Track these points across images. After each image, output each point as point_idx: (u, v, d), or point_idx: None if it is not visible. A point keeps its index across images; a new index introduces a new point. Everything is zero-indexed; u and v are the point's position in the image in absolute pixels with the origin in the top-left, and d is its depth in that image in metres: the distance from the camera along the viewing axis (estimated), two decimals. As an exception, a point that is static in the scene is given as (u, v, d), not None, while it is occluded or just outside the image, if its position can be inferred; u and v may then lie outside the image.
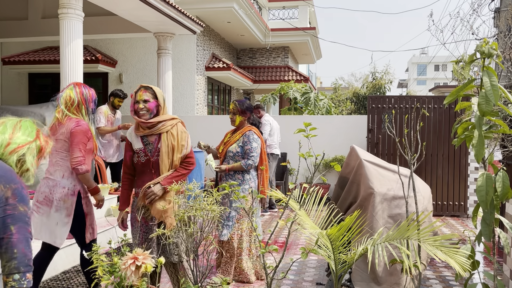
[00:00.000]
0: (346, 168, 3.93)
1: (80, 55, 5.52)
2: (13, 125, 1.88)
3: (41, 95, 10.97)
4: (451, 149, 7.17)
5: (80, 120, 3.13)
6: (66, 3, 5.35)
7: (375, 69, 22.97)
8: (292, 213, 3.58)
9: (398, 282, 3.30)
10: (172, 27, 7.69)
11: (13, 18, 8.56)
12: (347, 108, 22.24)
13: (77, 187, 3.12)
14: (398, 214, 3.38)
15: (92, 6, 6.41)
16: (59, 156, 3.11)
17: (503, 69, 5.22)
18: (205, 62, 11.65)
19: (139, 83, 10.76)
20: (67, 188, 3.08)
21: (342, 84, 30.29)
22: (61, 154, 3.11)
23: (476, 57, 2.10)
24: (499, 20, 7.57)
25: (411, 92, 41.19)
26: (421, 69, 58.24)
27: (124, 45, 11.01)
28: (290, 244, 5.35)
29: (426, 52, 56.47)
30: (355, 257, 2.52)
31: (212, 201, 2.55)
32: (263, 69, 15.16)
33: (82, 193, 3.15)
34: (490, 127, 2.24)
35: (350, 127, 8.47)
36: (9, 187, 1.68)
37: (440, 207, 7.18)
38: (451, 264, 2.28)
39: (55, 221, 3.07)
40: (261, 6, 15.67)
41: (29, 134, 1.90)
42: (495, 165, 2.20)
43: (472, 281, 3.91)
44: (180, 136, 3.01)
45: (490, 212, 2.10)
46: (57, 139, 3.10)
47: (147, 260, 2.26)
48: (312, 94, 10.92)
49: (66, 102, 3.14)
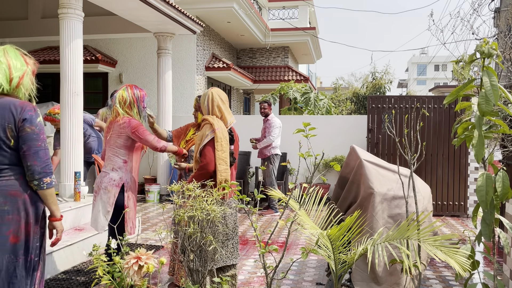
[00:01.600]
0: (346, 168, 3.93)
1: (80, 55, 5.52)
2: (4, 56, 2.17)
3: (41, 95, 10.96)
4: (451, 149, 7.17)
5: (132, 119, 3.41)
6: (66, 3, 5.35)
7: (375, 69, 22.99)
8: (292, 213, 3.58)
9: (398, 282, 3.30)
10: (172, 27, 7.69)
11: (13, 18, 8.57)
12: (347, 108, 22.25)
13: (123, 179, 3.40)
14: (398, 214, 3.38)
15: (92, 6, 6.41)
16: (111, 152, 3.43)
17: (503, 69, 5.22)
18: (205, 62, 11.65)
19: (139, 83, 10.78)
20: (113, 179, 3.37)
21: (342, 84, 30.31)
22: (112, 150, 3.42)
23: (476, 57, 2.10)
24: (499, 20, 7.57)
25: (411, 92, 41.19)
26: (421, 69, 58.25)
27: (124, 45, 11.02)
28: (290, 244, 5.35)
29: (426, 52, 56.48)
30: (355, 257, 2.52)
31: (212, 201, 2.55)
32: (263, 69, 15.16)
33: (126, 187, 3.41)
34: (490, 127, 2.24)
35: (350, 127, 8.47)
36: (20, 117, 2.11)
37: (440, 207, 7.18)
38: (451, 264, 2.28)
39: (98, 208, 3.37)
40: (261, 6, 15.67)
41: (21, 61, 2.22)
42: (495, 165, 2.20)
43: (472, 281, 3.91)
44: None
45: (490, 212, 2.10)
46: (111, 136, 3.42)
47: (150, 260, 2.27)
48: (312, 94, 10.92)
49: (120, 102, 3.44)
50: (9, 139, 2.11)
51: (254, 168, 8.55)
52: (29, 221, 2.17)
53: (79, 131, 5.54)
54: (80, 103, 5.53)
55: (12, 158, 2.14)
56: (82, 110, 5.69)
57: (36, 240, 2.22)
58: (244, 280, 4.03)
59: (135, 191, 3.58)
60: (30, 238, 2.18)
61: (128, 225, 3.45)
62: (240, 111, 15.49)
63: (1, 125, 2.10)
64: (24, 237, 2.16)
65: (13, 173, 2.14)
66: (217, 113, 3.27)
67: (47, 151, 2.20)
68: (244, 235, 5.72)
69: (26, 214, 2.16)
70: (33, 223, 2.18)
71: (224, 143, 3.13)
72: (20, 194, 2.13)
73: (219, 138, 3.11)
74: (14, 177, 2.14)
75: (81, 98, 5.56)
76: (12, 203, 2.11)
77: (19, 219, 2.13)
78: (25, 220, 2.16)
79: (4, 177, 2.12)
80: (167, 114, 8.22)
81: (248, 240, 5.45)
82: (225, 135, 3.17)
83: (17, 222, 2.13)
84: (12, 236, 2.12)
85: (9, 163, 2.14)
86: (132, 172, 3.49)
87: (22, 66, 2.22)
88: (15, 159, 2.14)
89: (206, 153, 3.10)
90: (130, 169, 3.47)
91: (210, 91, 3.33)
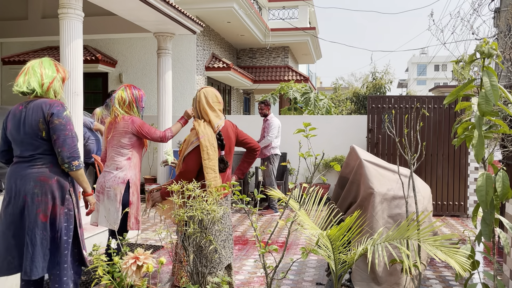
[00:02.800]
0: (346, 168, 3.92)
1: (80, 55, 5.52)
2: (39, 66, 2.62)
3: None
4: (451, 149, 7.17)
5: (134, 117, 3.46)
6: (66, 3, 5.35)
7: (375, 69, 22.99)
8: (292, 213, 3.58)
9: (398, 282, 3.30)
10: (172, 27, 7.69)
11: (13, 18, 8.56)
12: (347, 108, 22.25)
13: (127, 176, 3.44)
14: (398, 214, 3.38)
15: (92, 6, 6.41)
16: (114, 152, 3.47)
17: (503, 69, 5.22)
18: (205, 62, 11.65)
19: (139, 83, 10.78)
20: (118, 177, 3.42)
21: (342, 84, 30.30)
22: (115, 149, 3.46)
23: (476, 57, 2.10)
24: (499, 20, 7.57)
25: (411, 92, 41.19)
26: (421, 69, 58.24)
27: (124, 45, 11.01)
28: (290, 244, 5.35)
29: (426, 52, 56.46)
30: (355, 257, 2.52)
31: (212, 201, 2.55)
32: (263, 69, 15.16)
33: (131, 183, 3.47)
34: (490, 127, 2.24)
35: (350, 127, 8.46)
36: (49, 112, 2.54)
37: (440, 207, 7.18)
38: (451, 264, 2.28)
39: (108, 207, 3.40)
40: (261, 6, 15.67)
41: (52, 69, 2.65)
42: (495, 165, 2.20)
43: (472, 281, 3.91)
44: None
45: (490, 212, 2.10)
46: (113, 136, 3.46)
47: (148, 260, 2.26)
48: (312, 94, 10.92)
49: (119, 102, 3.48)
50: (41, 131, 2.54)
51: (254, 168, 8.55)
52: (56, 203, 2.58)
53: (79, 131, 5.54)
54: (80, 103, 5.53)
55: (43, 148, 2.57)
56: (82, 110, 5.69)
57: (63, 220, 2.62)
58: (244, 280, 4.03)
59: (139, 187, 3.61)
60: (56, 218, 2.59)
61: (130, 220, 3.47)
62: (240, 111, 15.49)
63: (35, 120, 2.54)
64: (52, 216, 2.58)
65: (44, 162, 2.58)
66: (205, 117, 3.08)
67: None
68: (244, 235, 5.72)
69: (53, 197, 2.57)
70: (59, 205, 2.60)
71: (210, 151, 2.95)
72: (48, 179, 2.56)
73: (205, 147, 2.93)
74: (45, 165, 2.57)
75: (81, 98, 5.55)
76: (41, 187, 2.54)
77: (47, 201, 2.56)
78: (52, 202, 2.57)
79: (37, 165, 2.56)
80: (167, 114, 8.22)
81: (248, 240, 5.45)
82: (212, 142, 2.98)
83: (46, 203, 2.55)
84: (41, 215, 2.55)
85: (41, 152, 2.57)
86: (135, 169, 3.53)
87: (53, 73, 2.65)
88: (46, 148, 2.57)
89: (188, 161, 2.97)
90: (134, 166, 3.51)
91: (198, 92, 3.13)
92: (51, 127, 2.54)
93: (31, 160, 2.57)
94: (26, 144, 2.57)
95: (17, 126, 2.58)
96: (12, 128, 2.60)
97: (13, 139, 2.61)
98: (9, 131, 2.63)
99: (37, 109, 2.55)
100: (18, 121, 2.58)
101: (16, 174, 2.58)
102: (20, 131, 2.57)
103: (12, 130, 2.60)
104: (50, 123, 2.54)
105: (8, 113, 2.67)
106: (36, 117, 2.54)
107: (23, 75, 2.63)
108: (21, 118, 2.58)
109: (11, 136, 2.62)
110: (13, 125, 2.60)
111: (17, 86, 2.62)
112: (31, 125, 2.55)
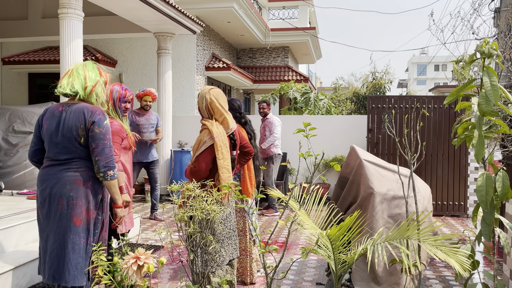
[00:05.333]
0: (346, 168, 3.92)
1: (80, 55, 5.52)
2: (83, 69, 2.64)
3: (41, 95, 10.97)
4: (451, 149, 7.17)
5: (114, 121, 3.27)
6: (66, 3, 5.35)
7: (375, 69, 22.98)
8: (292, 213, 3.58)
9: (398, 282, 3.30)
10: (172, 27, 7.69)
11: (13, 18, 8.56)
12: (347, 108, 22.24)
13: None
14: (398, 214, 3.38)
15: (92, 6, 6.41)
16: None
17: (503, 69, 5.22)
18: (205, 62, 11.65)
19: (139, 83, 10.78)
20: None
21: (342, 84, 30.30)
22: None
23: (476, 57, 2.10)
24: (499, 20, 7.57)
25: (411, 92, 41.18)
26: (421, 69, 58.24)
27: (124, 45, 11.01)
28: (290, 244, 5.35)
29: (426, 52, 56.47)
30: (355, 257, 2.52)
31: (212, 201, 2.55)
32: (263, 69, 15.16)
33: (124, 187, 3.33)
34: (490, 127, 2.24)
35: (350, 127, 8.46)
36: (90, 119, 2.53)
37: (440, 207, 7.18)
38: (451, 264, 2.28)
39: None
40: (261, 6, 15.67)
41: (95, 73, 2.67)
42: (495, 165, 2.20)
43: (472, 281, 3.91)
44: None
45: (490, 212, 2.10)
46: None
47: (149, 260, 2.27)
48: (312, 94, 10.92)
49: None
50: (80, 137, 2.54)
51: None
52: (90, 208, 2.58)
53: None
54: (80, 103, 5.54)
55: (80, 153, 2.57)
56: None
57: (96, 227, 2.64)
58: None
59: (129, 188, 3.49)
60: (90, 223, 2.60)
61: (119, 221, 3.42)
62: (240, 111, 15.47)
63: (75, 125, 2.53)
64: (86, 221, 2.57)
65: (80, 166, 2.57)
66: (218, 118, 3.09)
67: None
68: (244, 235, 5.72)
69: (87, 201, 2.57)
70: (92, 210, 2.60)
71: (224, 151, 2.97)
72: (83, 183, 2.56)
73: (219, 147, 2.94)
74: (80, 169, 2.57)
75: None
76: (76, 191, 2.53)
77: (81, 204, 2.55)
78: (86, 206, 2.57)
79: (73, 168, 2.56)
80: (167, 114, 8.22)
81: (248, 240, 5.45)
82: (225, 142, 3.01)
83: (80, 207, 2.54)
84: (75, 218, 2.54)
85: (78, 156, 2.57)
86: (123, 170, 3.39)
87: (96, 76, 2.67)
88: (83, 153, 2.58)
89: (201, 161, 2.95)
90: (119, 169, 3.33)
91: (208, 95, 3.10)
92: (91, 135, 2.53)
93: (66, 163, 2.56)
94: (62, 147, 2.55)
95: (55, 128, 2.55)
96: (49, 128, 2.57)
97: (49, 140, 2.58)
98: (44, 130, 2.59)
99: (78, 114, 2.54)
100: (57, 123, 2.55)
101: (51, 176, 2.55)
102: (58, 133, 2.54)
103: (49, 131, 2.57)
104: (90, 131, 2.53)
105: (44, 111, 2.63)
106: (76, 122, 2.53)
107: (67, 77, 2.62)
108: (61, 120, 2.55)
109: (47, 137, 2.58)
110: (51, 126, 2.56)
111: (61, 87, 2.61)
112: (71, 129, 2.53)
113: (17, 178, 6.66)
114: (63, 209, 2.51)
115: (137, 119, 6.07)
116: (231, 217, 3.06)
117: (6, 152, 6.78)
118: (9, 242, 4.01)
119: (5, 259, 3.70)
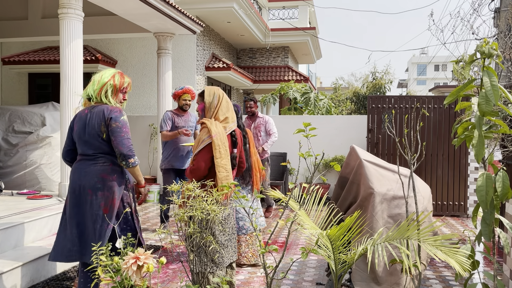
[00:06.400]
0: (346, 168, 3.92)
1: (80, 55, 5.51)
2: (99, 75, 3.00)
3: (41, 95, 10.97)
4: (451, 149, 7.16)
5: None
6: (66, 3, 5.34)
7: (375, 69, 22.98)
8: (292, 213, 3.57)
9: (398, 282, 3.30)
10: (172, 27, 7.69)
11: (13, 18, 8.56)
12: (347, 108, 22.24)
13: None
14: (398, 214, 3.37)
15: (92, 6, 6.41)
16: None
17: (503, 69, 5.22)
18: (205, 62, 11.65)
19: (139, 83, 10.78)
20: None
21: (342, 84, 30.29)
22: None
23: (476, 57, 2.10)
24: (499, 20, 7.58)
25: (411, 92, 41.18)
26: (421, 69, 58.24)
27: (124, 45, 11.01)
28: (290, 244, 5.35)
29: (426, 52, 56.46)
30: (355, 257, 2.52)
31: (212, 201, 2.54)
32: (263, 69, 15.16)
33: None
34: (490, 127, 2.23)
35: (350, 127, 8.46)
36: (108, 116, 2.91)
37: (440, 207, 7.18)
38: (451, 264, 2.28)
39: None
40: (261, 6, 15.67)
41: (107, 77, 2.99)
42: (495, 165, 2.20)
43: (472, 281, 3.91)
44: None
45: (490, 212, 2.10)
46: None
47: (149, 260, 2.26)
48: (312, 94, 10.92)
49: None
50: (102, 133, 2.90)
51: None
52: (115, 197, 2.92)
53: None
54: (80, 103, 5.53)
55: (104, 148, 2.93)
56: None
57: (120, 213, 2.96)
58: (244, 280, 4.03)
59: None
60: (114, 211, 2.92)
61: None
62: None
63: (98, 123, 2.90)
64: (112, 209, 2.91)
65: (105, 160, 2.94)
66: (220, 117, 3.07)
67: (130, 140, 2.95)
68: (244, 235, 5.71)
69: (112, 192, 2.91)
70: (117, 199, 2.93)
71: (222, 150, 2.95)
72: (109, 176, 2.92)
73: (217, 145, 2.93)
74: (106, 163, 2.93)
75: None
76: (103, 183, 2.89)
77: (108, 195, 2.90)
78: (111, 196, 2.91)
79: (99, 163, 2.93)
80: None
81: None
82: (224, 141, 2.98)
83: (107, 197, 2.89)
84: (104, 208, 2.89)
85: (103, 152, 2.94)
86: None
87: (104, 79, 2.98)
88: (106, 148, 2.93)
89: (199, 159, 2.96)
90: None
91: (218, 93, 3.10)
92: (110, 130, 2.90)
93: (94, 158, 2.94)
94: (89, 144, 2.93)
95: (83, 127, 2.94)
96: (78, 129, 2.96)
97: (78, 139, 2.97)
98: (75, 131, 2.98)
99: (99, 113, 2.92)
100: (84, 123, 2.94)
101: (81, 170, 2.94)
102: (85, 132, 2.93)
103: (78, 131, 2.96)
104: (109, 126, 2.90)
105: (75, 116, 3.04)
106: (98, 121, 2.91)
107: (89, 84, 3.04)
108: (86, 120, 2.94)
109: (77, 136, 2.97)
110: (79, 127, 2.96)
111: (83, 93, 3.07)
112: (94, 127, 2.91)
113: (17, 178, 6.67)
114: (92, 199, 2.88)
115: (176, 121, 5.64)
116: (230, 219, 3.06)
117: (6, 152, 6.78)
118: (9, 242, 4.01)
119: (5, 259, 3.70)
